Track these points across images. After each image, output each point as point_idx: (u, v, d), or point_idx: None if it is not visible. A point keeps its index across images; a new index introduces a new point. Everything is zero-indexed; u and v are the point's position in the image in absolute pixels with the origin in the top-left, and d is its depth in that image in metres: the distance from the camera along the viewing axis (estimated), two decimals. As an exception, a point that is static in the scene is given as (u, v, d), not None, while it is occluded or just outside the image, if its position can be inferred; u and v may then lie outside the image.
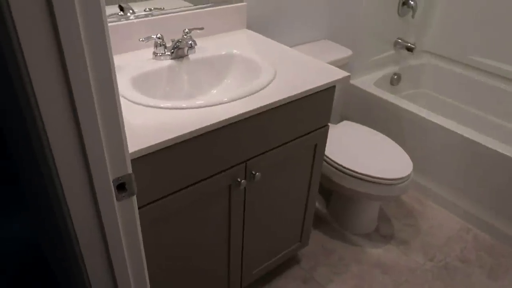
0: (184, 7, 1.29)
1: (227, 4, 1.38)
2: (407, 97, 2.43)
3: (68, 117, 0.48)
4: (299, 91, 1.05)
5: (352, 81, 2.10)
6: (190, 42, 1.12)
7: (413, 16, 2.16)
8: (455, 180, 1.86)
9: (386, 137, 1.70)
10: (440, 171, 1.91)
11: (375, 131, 1.73)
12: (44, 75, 0.44)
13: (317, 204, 1.92)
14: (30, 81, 0.45)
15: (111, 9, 1.17)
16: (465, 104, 2.33)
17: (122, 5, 1.22)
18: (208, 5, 1.34)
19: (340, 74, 1.15)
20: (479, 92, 2.26)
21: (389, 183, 1.48)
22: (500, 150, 1.65)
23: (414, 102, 2.46)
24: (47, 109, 0.46)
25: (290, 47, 1.69)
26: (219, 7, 1.36)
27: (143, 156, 0.81)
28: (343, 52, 1.70)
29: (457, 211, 1.90)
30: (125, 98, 0.96)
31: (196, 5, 1.31)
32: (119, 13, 1.21)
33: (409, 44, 2.23)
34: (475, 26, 2.18)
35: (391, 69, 2.28)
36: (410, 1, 2.11)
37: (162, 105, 0.93)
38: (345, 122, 1.79)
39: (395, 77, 2.29)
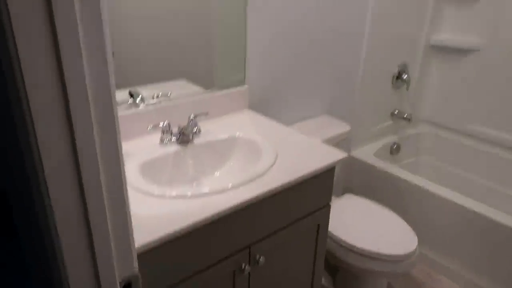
0: (189, 94, 1.38)
1: (230, 88, 1.47)
2: (408, 166, 2.46)
3: (78, 220, 0.51)
4: (300, 175, 1.09)
5: (352, 153, 2.15)
6: (195, 129, 1.18)
7: (407, 89, 2.26)
8: (464, 253, 1.83)
9: (390, 211, 1.70)
10: (448, 244, 1.88)
11: (378, 205, 1.74)
12: (57, 173, 0.47)
13: (323, 280, 1.87)
14: (45, 181, 0.48)
15: (121, 94, 1.25)
16: (467, 172, 2.35)
17: (131, 91, 1.31)
18: (212, 90, 1.43)
19: (339, 155, 1.20)
20: (479, 161, 2.29)
21: (394, 259, 1.46)
22: (506, 223, 1.64)
23: (415, 171, 2.49)
24: (59, 211, 0.49)
25: (291, 124, 1.76)
26: (223, 91, 1.45)
27: (148, 250, 0.82)
28: (342, 128, 1.77)
29: (469, 286, 1.84)
30: (132, 187, 0.99)
31: (201, 87, 1.40)
32: (129, 101, 1.29)
33: (406, 115, 2.31)
34: (469, 95, 2.28)
35: (390, 139, 2.34)
36: (403, 75, 2.23)
37: (167, 194, 0.96)
38: (347, 196, 1.81)
39: (395, 146, 2.35)
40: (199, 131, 1.19)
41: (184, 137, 1.21)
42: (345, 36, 1.81)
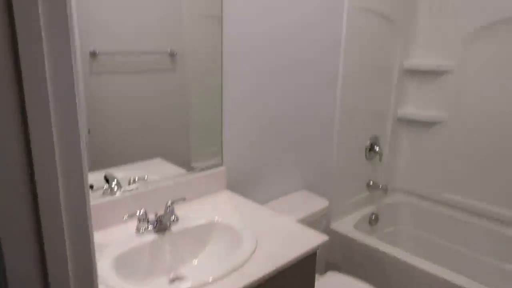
0: (167, 177, 1.37)
1: (208, 170, 1.48)
2: (387, 236, 2.46)
3: None
4: (281, 263, 1.06)
5: (332, 226, 2.14)
6: (173, 217, 1.16)
7: (380, 160, 2.34)
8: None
9: None
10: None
11: (361, 284, 1.70)
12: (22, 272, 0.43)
13: None
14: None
15: (96, 178, 1.22)
16: (444, 240, 2.37)
17: (107, 175, 1.29)
18: (189, 171, 1.43)
19: (320, 239, 1.19)
20: (455, 229, 2.32)
21: None
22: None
23: (395, 242, 2.49)
24: None
25: (270, 201, 1.76)
26: (200, 174, 1.45)
27: None
28: (321, 203, 1.78)
29: None
30: (105, 285, 0.94)
31: (178, 166, 1.40)
32: (104, 187, 1.26)
33: (381, 186, 2.36)
34: (440, 165, 2.37)
35: (368, 209, 2.36)
36: (375, 147, 2.31)
37: (143, 293, 0.91)
38: (331, 273, 1.76)
39: (373, 217, 2.36)
40: (177, 219, 1.17)
41: (162, 225, 1.18)
42: (319, 112, 1.90)
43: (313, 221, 1.73)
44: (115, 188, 1.25)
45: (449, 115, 2.28)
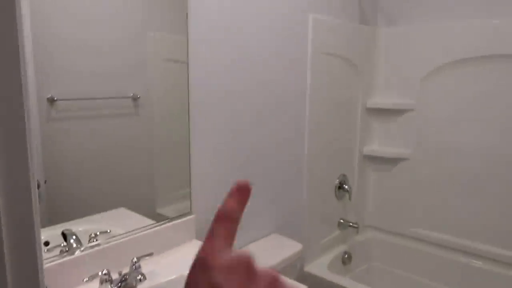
0: (131, 229, 1.28)
1: (176, 219, 1.40)
2: (361, 274, 2.42)
3: None
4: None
5: (306, 268, 2.08)
6: (139, 276, 1.06)
7: (350, 198, 2.33)
8: None
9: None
10: None
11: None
12: None
13: None
14: None
15: (53, 235, 1.11)
16: (416, 275, 2.36)
17: (65, 231, 1.18)
18: (156, 224, 1.34)
19: (298, 289, 1.13)
20: (426, 263, 2.33)
21: None
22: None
23: (369, 280, 2.45)
24: None
25: (242, 247, 1.68)
26: (168, 224, 1.36)
27: None
28: (294, 247, 1.72)
29: None
30: None
31: (143, 215, 1.31)
32: (62, 244, 1.15)
33: (351, 223, 2.35)
34: (407, 200, 2.40)
35: (341, 248, 2.33)
36: (344, 185, 2.31)
37: None
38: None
39: (346, 256, 2.32)
40: (144, 277, 1.07)
41: (127, 286, 1.08)
42: (287, 154, 1.88)
43: (287, 266, 1.66)
44: (74, 245, 1.14)
45: (412, 151, 2.34)
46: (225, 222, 0.30)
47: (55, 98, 1.11)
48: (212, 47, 1.45)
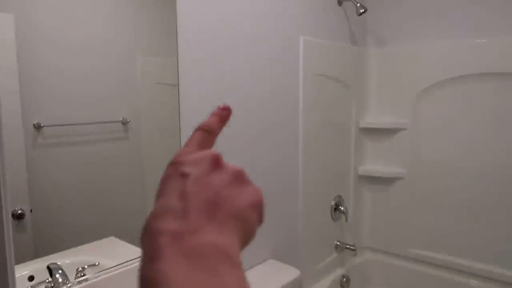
0: (122, 260, 1.22)
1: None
2: (360, 299, 2.35)
3: None
4: None
5: (304, 294, 2.01)
6: (129, 312, 1.00)
7: (346, 220, 2.29)
8: None
9: None
10: None
11: None
12: None
13: None
14: None
15: (38, 270, 1.05)
16: (418, 298, 2.30)
17: (50, 266, 1.11)
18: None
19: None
20: (424, 283, 2.27)
21: None
22: None
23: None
24: None
25: (237, 275, 1.62)
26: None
27: None
28: (291, 273, 1.66)
29: None
30: None
31: (133, 245, 1.25)
32: (47, 279, 1.09)
33: (348, 246, 2.29)
34: (404, 221, 2.36)
35: (338, 272, 2.27)
36: (340, 206, 2.27)
37: None
38: None
39: (344, 279, 2.26)
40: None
41: (116, 322, 1.01)
42: (282, 178, 1.85)
43: (285, 294, 1.60)
44: (60, 280, 1.07)
45: (407, 171, 2.32)
46: (202, 132, 0.33)
47: (42, 125, 1.07)
48: (202, 70, 1.43)
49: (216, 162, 0.30)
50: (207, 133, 0.34)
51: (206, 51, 1.43)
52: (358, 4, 2.07)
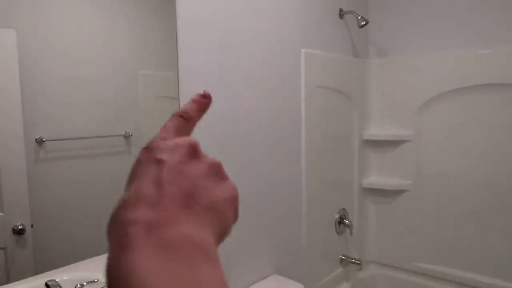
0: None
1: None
2: (366, 314, 2.30)
3: None
4: None
5: (308, 310, 1.97)
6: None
7: (351, 233, 2.26)
8: None
9: None
10: None
11: None
12: None
13: None
14: None
15: (37, 283, 1.03)
16: (425, 314, 2.25)
17: (49, 283, 1.10)
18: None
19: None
20: (434, 300, 2.22)
21: None
22: None
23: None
24: None
25: (240, 290, 1.59)
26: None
27: None
28: (295, 288, 1.63)
29: None
30: None
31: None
32: (46, 296, 1.07)
33: (353, 260, 2.26)
34: (409, 234, 2.32)
35: (344, 287, 2.22)
36: (344, 220, 2.25)
37: None
38: None
39: (350, 294, 2.22)
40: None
41: None
42: (285, 191, 1.83)
43: (289, 310, 1.57)
44: (59, 298, 1.05)
45: (412, 183, 2.29)
46: (180, 118, 0.31)
47: (44, 139, 1.07)
48: (203, 84, 1.43)
49: (194, 151, 0.28)
50: (185, 120, 0.32)
51: (206, 65, 1.43)
52: (360, 17, 2.08)
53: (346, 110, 2.24)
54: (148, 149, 0.28)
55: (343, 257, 2.26)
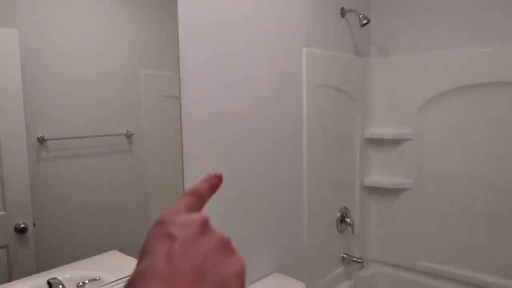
0: (123, 277, 1.20)
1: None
2: (368, 313, 2.31)
3: None
4: None
5: (310, 309, 1.97)
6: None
7: (352, 232, 2.26)
8: None
9: None
10: None
11: None
12: None
13: None
14: None
15: (39, 281, 1.04)
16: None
17: (51, 280, 1.10)
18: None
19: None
20: (436, 299, 2.22)
21: None
22: None
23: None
24: None
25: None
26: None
27: None
28: (297, 287, 1.64)
29: None
30: None
31: (136, 258, 1.24)
32: (48, 294, 1.08)
33: (355, 259, 2.26)
34: (411, 232, 2.32)
35: (345, 285, 2.23)
36: (346, 218, 2.25)
37: None
38: None
39: (351, 293, 2.22)
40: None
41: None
42: (287, 190, 1.83)
43: (290, 309, 1.57)
44: (61, 295, 1.06)
45: (414, 181, 2.29)
46: (191, 196, 0.33)
47: (46, 138, 1.08)
48: (204, 82, 1.43)
49: (204, 226, 0.29)
50: (197, 198, 0.34)
51: (207, 65, 1.44)
52: (361, 15, 2.07)
53: (348, 109, 2.24)
54: (160, 223, 0.30)
55: (345, 256, 2.26)
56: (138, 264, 0.28)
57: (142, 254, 0.29)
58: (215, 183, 0.35)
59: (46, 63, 1.06)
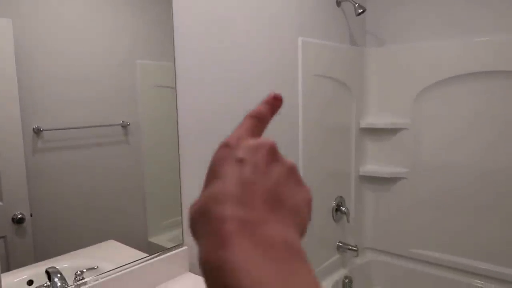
0: (121, 263, 1.22)
1: (168, 252, 1.34)
2: (363, 300, 2.34)
3: None
4: None
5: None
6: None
7: (348, 221, 2.28)
8: None
9: None
10: None
11: None
12: None
13: None
14: None
15: (37, 274, 1.05)
16: (421, 299, 2.29)
17: (49, 269, 1.11)
18: (147, 257, 1.29)
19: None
20: (428, 284, 2.26)
21: None
22: None
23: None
24: None
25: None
26: (160, 257, 1.30)
27: None
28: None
29: None
30: None
31: (133, 247, 1.25)
32: (46, 283, 1.09)
33: (350, 246, 2.29)
34: (405, 221, 2.35)
35: (341, 273, 2.26)
36: (341, 207, 2.27)
37: None
38: None
39: (347, 280, 2.25)
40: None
41: (115, 326, 1.01)
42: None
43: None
44: (59, 285, 1.07)
45: (409, 170, 2.31)
46: (253, 119, 0.32)
47: (41, 129, 1.08)
48: (200, 72, 1.43)
49: (273, 153, 0.28)
50: (258, 121, 0.32)
51: (203, 54, 1.43)
52: (357, 4, 2.06)
53: (343, 98, 2.24)
54: (228, 147, 0.28)
55: (340, 244, 2.29)
56: (208, 185, 0.27)
57: (211, 176, 0.27)
58: (276, 104, 0.34)
59: (41, 53, 1.05)
